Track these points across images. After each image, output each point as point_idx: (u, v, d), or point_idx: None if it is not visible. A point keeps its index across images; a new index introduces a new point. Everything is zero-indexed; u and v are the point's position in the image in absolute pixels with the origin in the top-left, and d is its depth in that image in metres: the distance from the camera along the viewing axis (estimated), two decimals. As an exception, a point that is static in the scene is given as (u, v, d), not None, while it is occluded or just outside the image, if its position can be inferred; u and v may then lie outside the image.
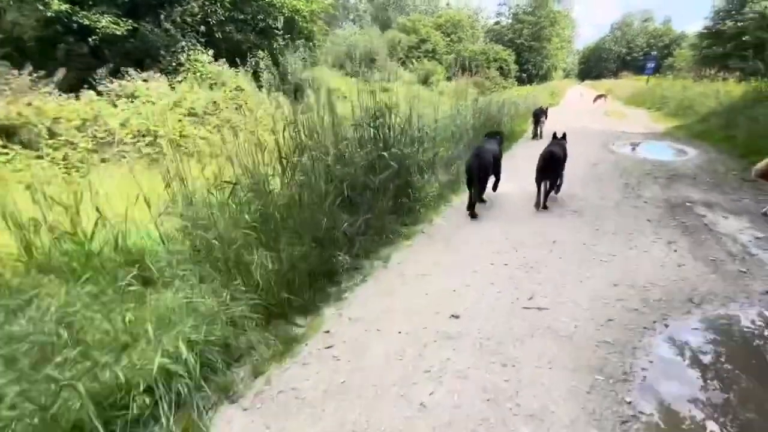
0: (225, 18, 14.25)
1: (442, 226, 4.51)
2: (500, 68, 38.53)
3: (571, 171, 5.89)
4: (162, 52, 12.92)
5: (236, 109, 11.52)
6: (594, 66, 67.26)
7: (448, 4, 57.23)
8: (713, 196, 4.94)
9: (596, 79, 53.45)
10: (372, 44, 33.97)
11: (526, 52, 47.45)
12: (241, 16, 14.29)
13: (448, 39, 44.34)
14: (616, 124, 11.55)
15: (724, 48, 31.51)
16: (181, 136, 9.34)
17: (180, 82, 12.13)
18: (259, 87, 15.48)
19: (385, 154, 4.34)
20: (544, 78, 48.73)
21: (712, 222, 4.15)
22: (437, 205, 5.06)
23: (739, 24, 30.93)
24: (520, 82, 42.40)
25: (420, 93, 23.30)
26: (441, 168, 5.70)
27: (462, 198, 5.30)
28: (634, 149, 7.98)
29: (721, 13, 32.73)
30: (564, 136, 5.34)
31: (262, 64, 15.06)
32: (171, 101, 10.14)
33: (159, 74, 11.44)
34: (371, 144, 4.40)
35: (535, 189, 4.93)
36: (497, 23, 51.43)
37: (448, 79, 30.83)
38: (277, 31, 15.95)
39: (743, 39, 30.16)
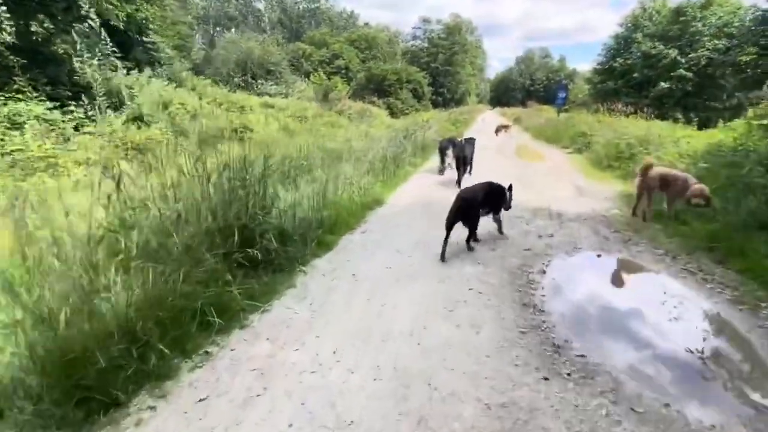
0: None
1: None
2: (414, 90, 34.69)
3: None
4: None
5: None
6: (503, 94, 67.96)
7: (366, 24, 53.25)
8: None
9: (506, 106, 52.87)
10: (270, 54, 28.02)
11: (441, 76, 44.92)
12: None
13: (363, 56, 39.85)
14: (535, 182, 7.01)
15: (616, 83, 31.07)
16: None
17: None
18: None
19: None
20: (459, 102, 46.62)
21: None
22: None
23: (628, 62, 30.67)
24: (435, 105, 39.30)
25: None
26: None
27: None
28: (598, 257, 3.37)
29: (611, 51, 32.47)
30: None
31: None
32: None
33: None
34: None
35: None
36: (413, 46, 48.39)
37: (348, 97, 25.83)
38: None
39: (633, 75, 29.78)
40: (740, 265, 3.25)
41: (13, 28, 8.58)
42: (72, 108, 9.63)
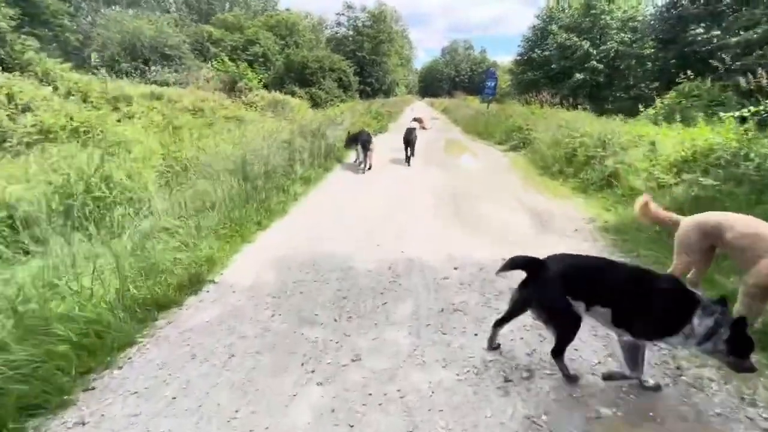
0: None
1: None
2: (339, 79, 31.63)
3: None
4: None
5: None
6: (430, 85, 67.50)
7: (288, 10, 48.37)
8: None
9: (434, 97, 52.08)
10: (166, 36, 23.16)
11: (368, 66, 42.31)
12: None
13: (283, 43, 35.63)
14: (473, 204, 4.86)
15: (535, 74, 31.18)
16: None
17: None
18: None
19: None
20: (388, 93, 44.55)
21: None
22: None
23: (545, 53, 30.83)
24: (364, 96, 36.74)
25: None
26: None
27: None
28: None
29: (530, 42, 32.51)
30: None
31: None
32: None
33: None
34: None
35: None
36: (338, 33, 45.02)
37: (265, 87, 22.14)
38: None
39: (552, 66, 29.98)
40: None
41: None
42: None
